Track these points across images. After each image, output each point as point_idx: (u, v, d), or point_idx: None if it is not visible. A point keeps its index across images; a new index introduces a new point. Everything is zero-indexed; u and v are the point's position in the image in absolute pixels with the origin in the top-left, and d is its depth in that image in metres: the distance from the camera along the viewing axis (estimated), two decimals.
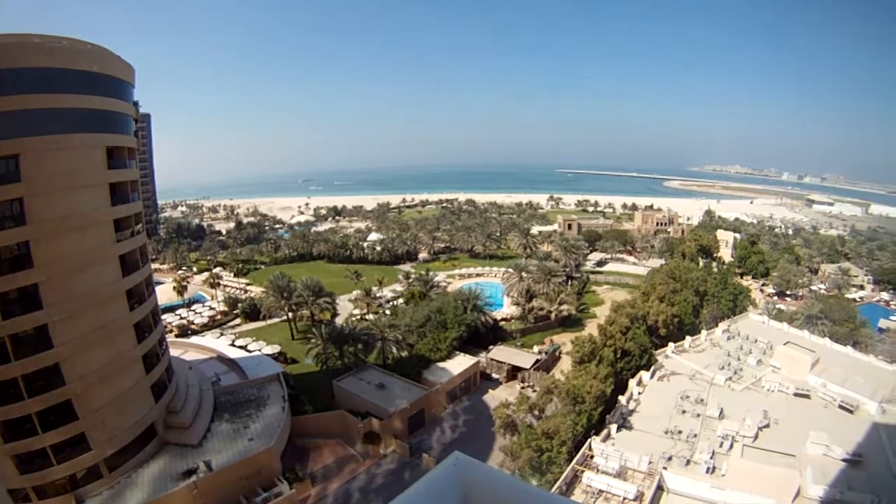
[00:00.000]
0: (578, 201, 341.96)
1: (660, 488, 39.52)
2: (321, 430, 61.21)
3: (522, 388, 72.20)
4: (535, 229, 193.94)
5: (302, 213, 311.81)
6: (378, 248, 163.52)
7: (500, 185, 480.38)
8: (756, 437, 46.67)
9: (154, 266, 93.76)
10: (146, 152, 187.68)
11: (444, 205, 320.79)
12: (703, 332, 73.17)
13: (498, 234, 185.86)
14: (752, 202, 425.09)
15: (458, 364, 75.42)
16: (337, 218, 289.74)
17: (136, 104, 52.77)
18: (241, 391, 63.34)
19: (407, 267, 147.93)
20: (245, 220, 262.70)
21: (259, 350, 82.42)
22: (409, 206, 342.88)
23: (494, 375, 79.21)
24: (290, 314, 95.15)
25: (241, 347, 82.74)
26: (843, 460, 42.88)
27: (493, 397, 71.72)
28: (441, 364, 75.52)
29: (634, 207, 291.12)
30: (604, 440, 46.11)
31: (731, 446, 45.41)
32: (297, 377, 74.58)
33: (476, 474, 5.38)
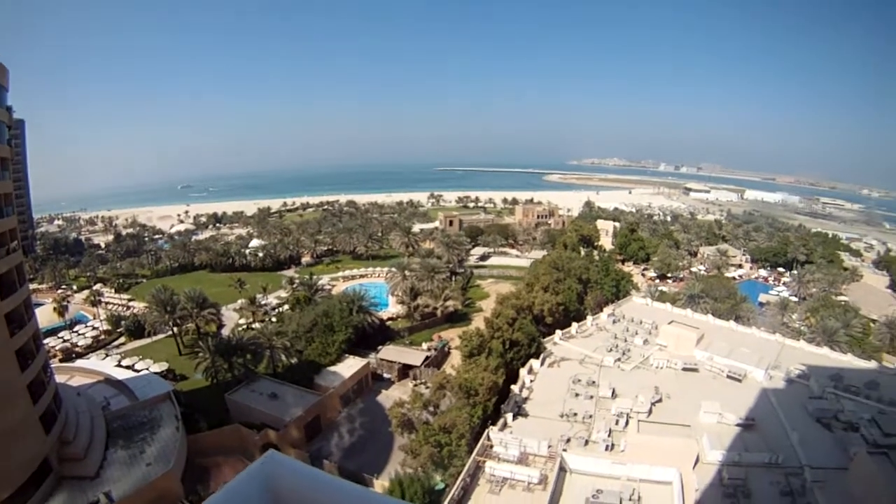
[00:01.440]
0: (459, 198, 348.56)
1: (562, 470, 40.19)
2: (219, 447, 60.14)
3: (415, 385, 73.09)
4: (416, 227, 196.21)
5: (182, 221, 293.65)
6: (261, 255, 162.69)
7: (381, 185, 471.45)
8: (650, 412, 48.18)
9: (32, 286, 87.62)
10: (20, 162, 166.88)
11: (326, 207, 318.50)
12: (589, 318, 74.58)
13: (380, 234, 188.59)
14: (630, 192, 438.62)
15: (349, 367, 76.39)
16: (217, 225, 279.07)
17: (9, 109, 50.03)
18: (132, 414, 61.59)
19: (291, 272, 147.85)
20: (124, 232, 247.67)
21: (147, 369, 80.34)
22: (290, 210, 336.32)
23: (386, 375, 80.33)
24: (176, 329, 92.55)
25: (128, 367, 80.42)
26: (737, 425, 45.63)
27: (387, 397, 72.79)
28: (332, 368, 76.39)
29: (515, 202, 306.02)
30: (501, 429, 46.41)
31: (627, 423, 46.74)
32: (189, 394, 73.05)
33: (287, 472, 5.44)
